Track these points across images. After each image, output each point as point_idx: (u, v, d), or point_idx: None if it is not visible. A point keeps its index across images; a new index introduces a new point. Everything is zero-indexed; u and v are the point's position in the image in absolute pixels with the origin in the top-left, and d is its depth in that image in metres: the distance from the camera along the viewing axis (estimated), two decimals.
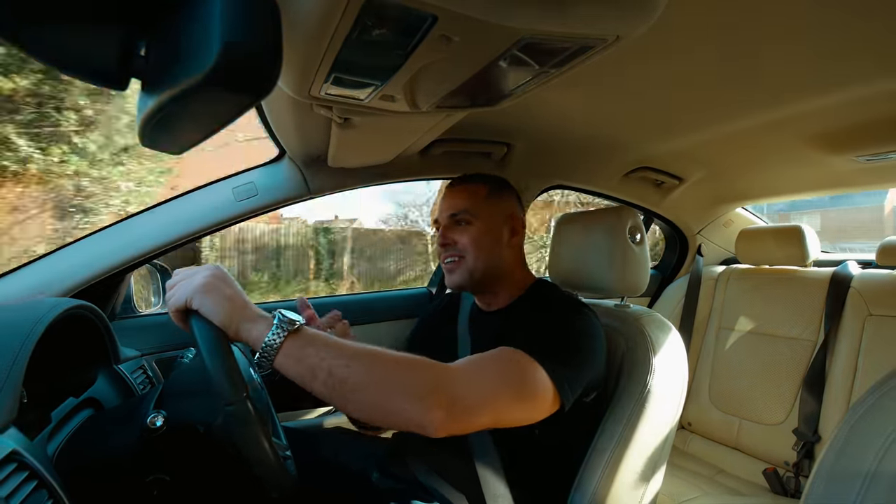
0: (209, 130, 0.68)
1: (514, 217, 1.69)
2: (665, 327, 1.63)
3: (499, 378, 1.20)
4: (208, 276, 1.10)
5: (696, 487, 2.53)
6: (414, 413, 1.07)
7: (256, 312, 1.11)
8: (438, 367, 1.14)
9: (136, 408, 1.18)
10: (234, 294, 1.11)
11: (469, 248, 1.60)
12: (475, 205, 1.63)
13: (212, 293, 1.08)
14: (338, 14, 0.71)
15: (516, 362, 1.23)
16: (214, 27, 0.50)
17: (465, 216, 1.62)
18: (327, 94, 1.06)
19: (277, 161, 1.98)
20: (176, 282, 1.12)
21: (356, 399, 1.07)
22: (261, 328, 1.07)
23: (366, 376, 1.07)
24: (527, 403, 1.22)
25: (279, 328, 1.05)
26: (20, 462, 0.92)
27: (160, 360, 1.93)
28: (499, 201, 1.68)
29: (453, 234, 1.63)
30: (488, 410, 1.16)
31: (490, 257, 1.62)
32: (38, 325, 1.14)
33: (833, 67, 1.32)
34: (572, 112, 1.75)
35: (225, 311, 1.07)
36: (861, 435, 0.85)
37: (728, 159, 2.34)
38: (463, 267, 1.61)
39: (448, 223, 1.66)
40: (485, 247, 1.61)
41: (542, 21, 0.75)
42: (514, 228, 1.68)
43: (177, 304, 1.08)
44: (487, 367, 1.22)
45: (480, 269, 1.61)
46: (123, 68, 0.60)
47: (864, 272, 2.64)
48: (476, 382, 1.17)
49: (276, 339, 1.05)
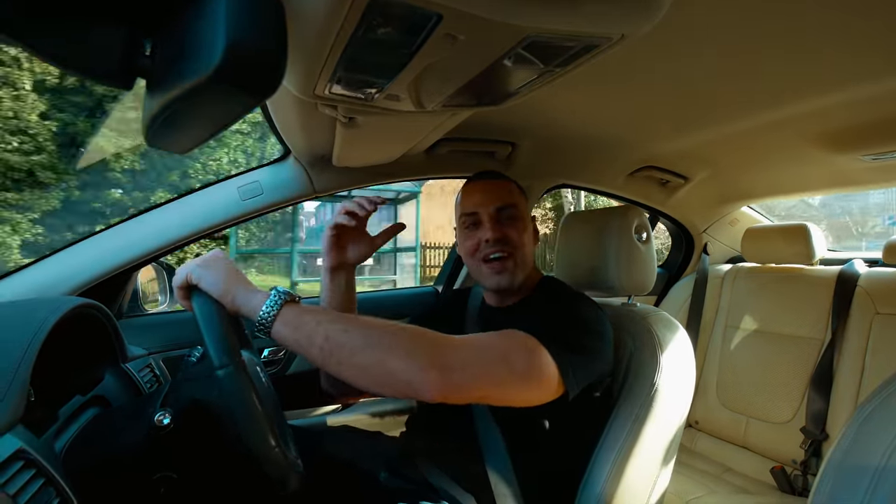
0: (214, 129, 0.68)
1: (533, 218, 1.69)
2: (672, 326, 1.63)
3: (499, 352, 1.18)
4: (208, 255, 1.21)
5: (704, 486, 2.53)
6: (409, 374, 1.06)
7: (254, 287, 1.17)
8: (437, 334, 1.14)
9: (143, 406, 1.19)
10: (231, 269, 1.18)
11: (520, 245, 1.57)
12: (518, 200, 1.61)
13: (210, 268, 1.17)
14: (342, 13, 0.71)
15: (519, 341, 1.21)
16: (220, 26, 0.50)
17: (514, 211, 1.58)
18: (332, 94, 1.06)
19: (282, 160, 1.98)
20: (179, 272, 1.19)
21: (352, 363, 1.07)
22: (258, 298, 1.11)
23: (362, 339, 1.07)
24: (527, 382, 1.19)
25: (276, 298, 1.10)
26: (28, 460, 0.93)
27: (167, 358, 1.93)
28: (525, 201, 1.66)
29: (503, 227, 1.57)
30: (485, 381, 1.14)
31: (532, 255, 1.62)
32: (46, 323, 1.15)
33: (839, 66, 1.31)
34: (577, 111, 1.75)
35: (223, 282, 1.15)
36: (869, 433, 0.85)
37: (733, 158, 2.34)
38: (512, 264, 1.56)
39: (495, 216, 1.57)
40: (531, 244, 1.62)
41: (547, 19, 0.75)
42: (536, 227, 1.69)
43: (178, 282, 1.18)
44: (489, 341, 1.20)
45: (527, 266, 1.59)
46: (129, 67, 0.61)
47: (870, 270, 2.63)
48: (475, 351, 1.16)
49: (273, 307, 1.08)
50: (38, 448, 0.97)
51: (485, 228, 1.57)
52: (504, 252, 1.55)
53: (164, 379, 1.72)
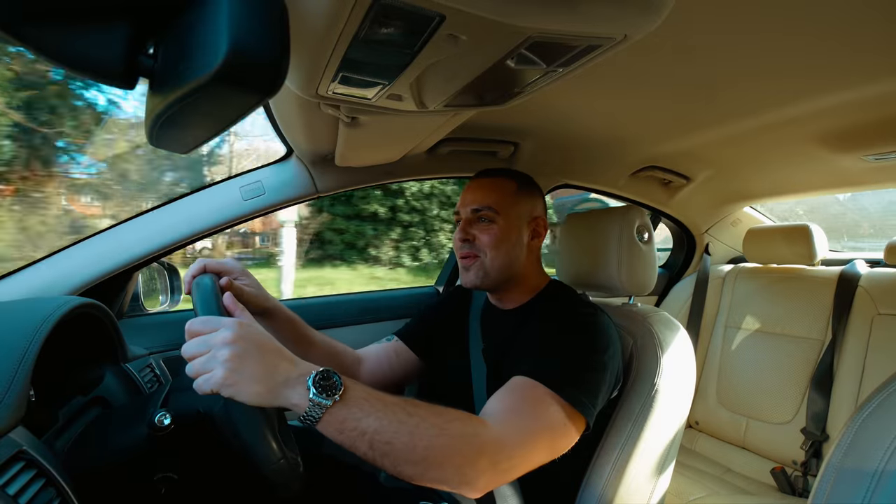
0: (217, 130, 0.68)
1: (537, 219, 1.66)
2: (673, 326, 1.63)
3: (538, 440, 1.20)
4: (230, 353, 0.99)
5: (704, 486, 2.53)
6: (458, 483, 1.09)
7: (289, 378, 1.03)
8: (478, 435, 1.13)
9: (143, 406, 1.19)
10: (262, 364, 1.01)
11: (488, 248, 1.57)
12: (501, 202, 1.59)
13: (239, 379, 0.98)
14: (345, 13, 0.71)
15: (545, 406, 1.23)
16: (222, 26, 0.50)
17: (489, 213, 1.58)
18: (335, 94, 1.06)
19: (285, 160, 1.98)
20: (192, 353, 1.01)
21: (396, 469, 1.06)
22: (297, 398, 1.01)
23: (406, 453, 1.05)
24: (561, 442, 1.25)
25: (315, 403, 1.01)
26: (28, 460, 0.93)
27: (168, 358, 1.93)
28: (525, 200, 1.64)
29: (474, 229, 1.60)
30: (528, 464, 1.18)
31: (507, 259, 1.59)
32: (46, 323, 1.15)
33: (842, 66, 1.31)
34: (580, 111, 1.75)
35: (259, 392, 0.99)
36: (869, 433, 0.85)
37: (736, 159, 2.33)
38: (478, 266, 1.58)
39: (470, 217, 1.61)
40: (503, 248, 1.58)
41: (549, 20, 0.75)
42: (537, 230, 1.66)
43: (203, 392, 0.99)
44: (523, 423, 1.21)
45: (496, 269, 1.58)
46: (131, 67, 0.61)
47: (872, 271, 2.64)
48: (515, 441, 1.17)
49: (314, 413, 1.01)
50: (38, 449, 0.97)
51: (459, 228, 1.63)
52: (470, 254, 1.60)
53: (164, 379, 1.72)
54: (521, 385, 1.27)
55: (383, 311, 2.50)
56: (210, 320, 1.04)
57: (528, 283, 1.65)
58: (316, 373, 1.03)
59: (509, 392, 1.27)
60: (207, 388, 0.97)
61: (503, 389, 1.28)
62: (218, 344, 0.99)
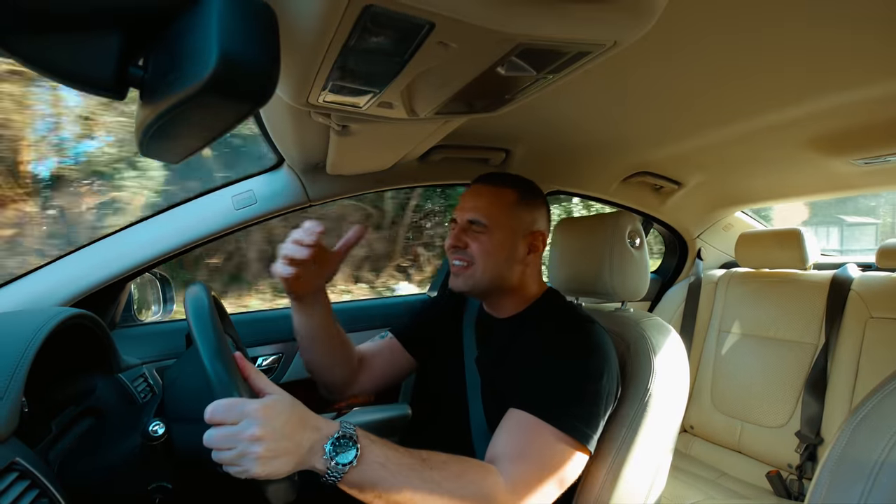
0: (208, 139, 0.68)
1: (535, 233, 1.63)
2: (666, 331, 1.63)
3: (546, 479, 1.23)
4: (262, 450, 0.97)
5: (699, 490, 2.53)
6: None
7: (313, 444, 1.05)
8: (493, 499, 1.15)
9: (137, 416, 1.18)
10: (290, 443, 1.01)
11: (478, 258, 1.55)
12: (498, 212, 1.57)
13: (272, 469, 0.99)
14: (335, 22, 0.71)
15: (552, 449, 1.26)
16: (212, 36, 0.50)
17: (484, 223, 1.56)
18: (325, 102, 1.05)
19: (276, 169, 1.98)
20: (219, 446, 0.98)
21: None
22: (319, 463, 1.04)
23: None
24: (569, 479, 1.29)
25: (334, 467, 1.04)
26: (21, 471, 0.92)
27: (161, 368, 1.93)
28: (525, 213, 1.61)
29: (467, 237, 1.57)
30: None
31: (499, 271, 1.57)
32: (39, 334, 1.14)
33: (831, 72, 1.32)
34: (570, 117, 1.76)
35: (290, 467, 1.01)
36: (864, 436, 0.86)
37: (727, 163, 2.34)
38: (469, 274, 1.57)
39: (465, 225, 1.59)
40: (495, 259, 1.56)
41: (539, 27, 0.75)
42: (534, 245, 1.63)
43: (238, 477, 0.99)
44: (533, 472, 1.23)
45: (486, 280, 1.56)
46: (121, 78, 0.61)
47: (864, 275, 2.65)
48: (528, 498, 1.20)
49: (334, 476, 1.04)
50: (32, 460, 0.96)
51: (453, 234, 1.61)
52: (462, 260, 1.58)
53: (157, 389, 1.71)
54: (525, 425, 1.29)
55: (376, 319, 2.49)
56: (232, 409, 0.99)
57: (523, 293, 1.64)
58: (334, 438, 1.06)
59: (514, 432, 1.29)
60: (242, 477, 0.98)
61: (508, 428, 1.30)
62: (246, 440, 0.97)
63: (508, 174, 1.68)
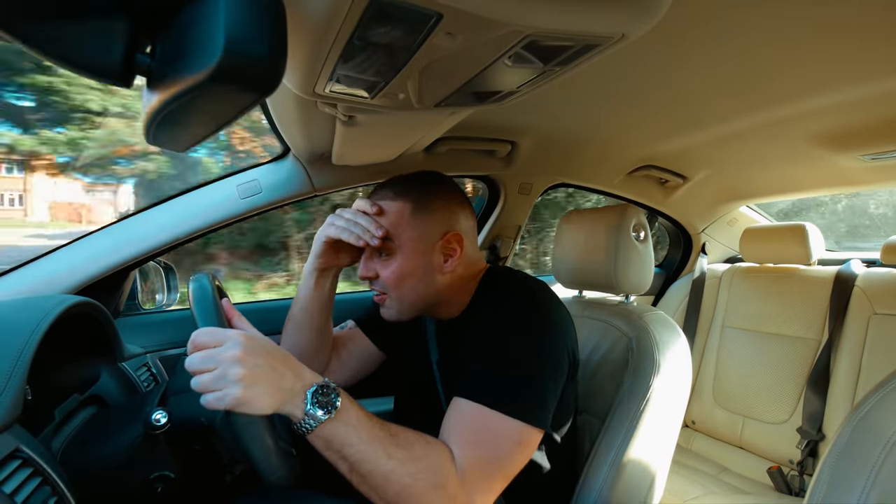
0: (214, 128, 0.68)
1: (446, 236, 1.42)
2: (669, 325, 1.63)
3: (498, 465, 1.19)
4: (241, 372, 0.98)
5: (701, 486, 2.53)
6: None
7: (293, 386, 1.04)
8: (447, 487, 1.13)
9: (140, 405, 1.19)
10: (271, 379, 1.02)
11: (391, 286, 1.40)
12: (395, 229, 1.38)
13: (251, 397, 0.98)
14: (343, 12, 0.71)
15: (501, 434, 1.21)
16: (220, 25, 0.50)
17: (387, 244, 1.38)
18: (332, 92, 1.05)
19: (281, 158, 1.98)
20: (199, 368, 0.99)
21: (370, 499, 1.09)
22: (295, 409, 1.04)
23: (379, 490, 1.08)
24: (523, 458, 1.23)
25: (309, 416, 1.03)
26: (24, 459, 0.93)
27: (164, 357, 1.93)
28: (428, 218, 1.41)
29: (375, 265, 1.42)
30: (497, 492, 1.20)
31: (419, 291, 1.42)
32: (43, 322, 1.15)
33: (838, 67, 1.31)
34: (577, 110, 1.75)
35: (270, 404, 1.00)
36: (865, 433, 0.85)
37: (732, 158, 2.34)
38: (389, 304, 1.43)
39: (369, 252, 1.44)
40: (409, 282, 1.40)
41: (546, 19, 0.75)
42: (449, 249, 1.43)
43: (212, 408, 0.98)
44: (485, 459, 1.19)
45: (409, 304, 1.43)
46: (129, 66, 0.60)
47: (868, 271, 2.64)
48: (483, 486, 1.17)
49: (307, 426, 1.03)
50: (34, 447, 0.96)
51: (361, 264, 1.46)
52: (377, 291, 1.44)
53: (161, 378, 1.72)
54: (468, 413, 1.22)
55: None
56: (215, 332, 1.03)
57: (461, 295, 1.49)
58: (316, 387, 1.05)
59: (459, 422, 1.23)
60: (221, 406, 0.97)
61: (453, 418, 1.24)
62: (227, 361, 0.98)
63: (398, 180, 1.47)
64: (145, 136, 0.73)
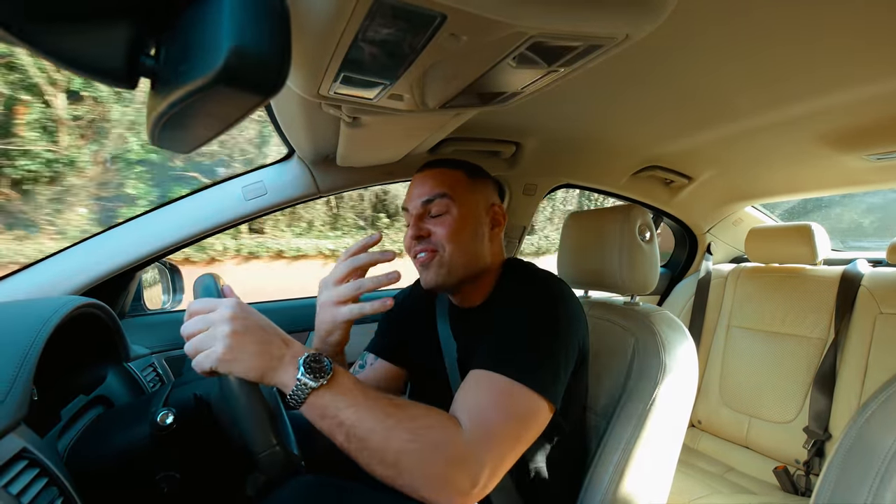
0: (219, 129, 0.68)
1: (494, 206, 1.53)
2: (675, 325, 1.63)
3: (505, 428, 1.16)
4: (230, 329, 1.02)
5: (707, 486, 2.53)
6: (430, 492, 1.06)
7: (283, 356, 1.06)
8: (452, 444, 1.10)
9: (146, 405, 1.19)
10: (259, 342, 1.05)
11: (446, 241, 1.42)
12: (452, 189, 1.45)
13: (238, 355, 1.02)
14: (347, 13, 0.71)
15: (510, 398, 1.19)
16: (224, 26, 0.50)
17: (443, 202, 1.44)
18: (336, 94, 1.05)
19: (286, 160, 1.98)
20: (192, 331, 1.05)
21: (370, 468, 1.06)
22: (286, 377, 1.04)
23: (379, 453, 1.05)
24: (531, 431, 1.21)
25: (301, 383, 1.03)
26: (31, 459, 0.93)
27: (170, 357, 1.94)
28: (479, 187, 1.51)
29: (427, 223, 1.45)
30: (502, 467, 1.15)
31: (469, 252, 1.46)
32: (49, 323, 1.15)
33: (843, 66, 1.31)
34: (581, 111, 1.75)
35: (255, 367, 1.03)
36: (872, 432, 0.85)
37: (738, 158, 2.33)
38: (438, 262, 1.44)
39: (420, 211, 1.46)
40: (464, 240, 1.44)
41: (551, 20, 0.75)
42: (496, 219, 1.53)
43: (201, 369, 1.02)
44: (492, 420, 1.16)
45: (459, 265, 1.45)
46: (133, 68, 0.61)
47: (874, 270, 2.64)
48: (487, 447, 1.13)
49: (299, 394, 1.03)
50: (41, 448, 0.97)
51: (410, 225, 1.48)
52: (426, 250, 1.44)
53: (166, 378, 1.72)
54: (480, 380, 1.22)
55: None
56: (209, 300, 1.08)
57: (490, 275, 1.53)
58: (308, 355, 1.06)
59: (470, 390, 1.22)
60: (207, 364, 1.01)
61: (465, 387, 1.24)
62: (217, 321, 1.04)
63: (449, 159, 1.58)
64: (150, 138, 0.73)
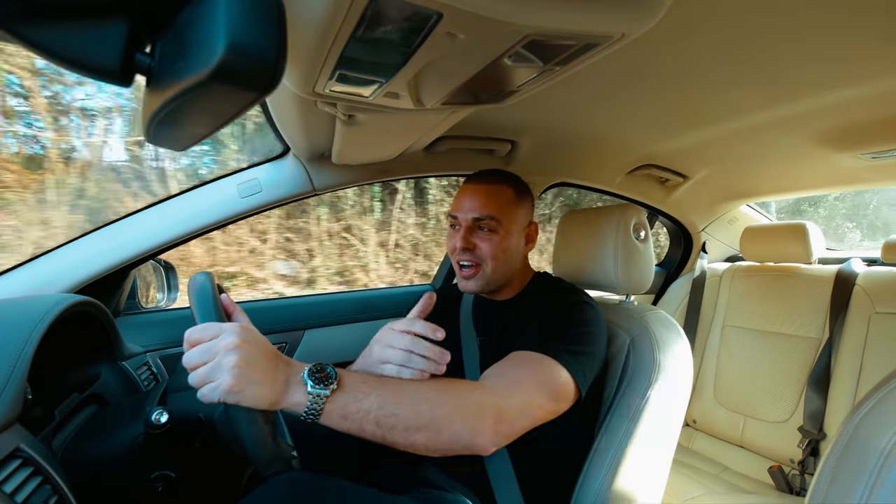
0: (214, 127, 0.68)
1: (531, 225, 1.70)
2: (670, 325, 1.63)
3: (532, 388, 1.23)
4: (235, 360, 0.97)
5: (701, 485, 2.54)
6: (466, 441, 1.10)
7: (289, 377, 1.04)
8: (479, 392, 1.16)
9: (140, 404, 1.19)
10: (265, 370, 1.01)
11: (489, 258, 1.58)
12: (501, 211, 1.59)
13: (245, 386, 0.97)
14: (343, 11, 0.71)
15: (540, 365, 1.27)
16: (220, 24, 0.50)
17: (491, 223, 1.58)
18: (332, 92, 1.05)
19: (281, 158, 1.98)
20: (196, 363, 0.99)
21: (407, 440, 1.07)
22: (298, 396, 1.02)
23: (413, 419, 1.07)
24: (557, 402, 1.27)
25: (315, 395, 1.02)
26: (25, 458, 0.93)
27: (164, 356, 1.93)
28: (521, 208, 1.65)
29: (475, 238, 1.60)
30: (528, 418, 1.20)
31: (506, 267, 1.62)
32: (43, 321, 1.14)
33: (839, 66, 1.31)
34: (577, 109, 1.75)
35: (264, 395, 0.99)
36: (866, 432, 0.86)
37: (733, 156, 2.34)
38: (480, 275, 1.60)
39: (471, 225, 1.60)
40: (504, 257, 1.60)
41: (547, 18, 0.75)
42: (530, 236, 1.70)
43: (208, 401, 0.97)
44: (520, 380, 1.24)
45: (497, 278, 1.61)
46: (128, 65, 0.60)
47: (869, 269, 2.64)
48: (515, 397, 1.20)
49: (315, 406, 1.01)
50: (35, 446, 0.96)
51: (459, 235, 1.61)
52: (471, 262, 1.61)
53: (161, 377, 1.72)
54: (514, 357, 1.32)
55: (379, 310, 2.49)
56: (209, 327, 1.02)
57: (520, 279, 1.70)
58: (309, 367, 1.05)
59: (503, 364, 1.30)
60: (215, 397, 0.96)
61: (499, 363, 1.32)
62: (222, 350, 0.98)
63: (499, 171, 1.71)
64: (145, 136, 0.73)
